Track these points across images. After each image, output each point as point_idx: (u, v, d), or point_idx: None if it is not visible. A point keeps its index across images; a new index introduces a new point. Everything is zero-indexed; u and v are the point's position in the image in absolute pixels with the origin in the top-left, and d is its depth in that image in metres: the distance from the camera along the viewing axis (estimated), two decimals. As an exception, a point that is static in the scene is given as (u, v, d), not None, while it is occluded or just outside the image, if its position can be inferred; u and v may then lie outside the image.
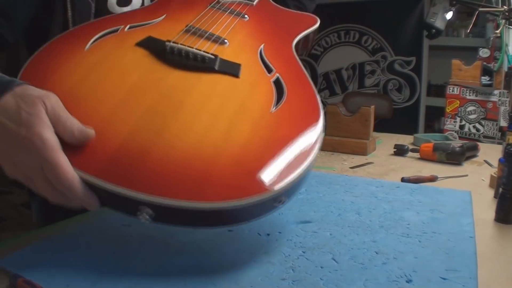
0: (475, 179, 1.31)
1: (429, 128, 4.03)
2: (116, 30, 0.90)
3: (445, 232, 0.87)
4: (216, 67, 0.84)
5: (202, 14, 1.02)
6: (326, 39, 4.41)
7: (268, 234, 0.85)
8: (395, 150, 1.63)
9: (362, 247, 0.80)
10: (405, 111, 4.09)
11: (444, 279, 0.69)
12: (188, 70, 0.83)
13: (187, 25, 0.95)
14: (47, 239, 0.82)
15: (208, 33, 0.94)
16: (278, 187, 0.66)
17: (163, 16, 0.99)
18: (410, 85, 4.07)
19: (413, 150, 1.61)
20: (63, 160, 0.60)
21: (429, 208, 1.01)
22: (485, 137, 2.39)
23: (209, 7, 1.06)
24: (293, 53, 0.99)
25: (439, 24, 1.99)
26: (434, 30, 2.00)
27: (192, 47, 0.86)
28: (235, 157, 0.69)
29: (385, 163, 1.51)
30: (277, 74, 0.88)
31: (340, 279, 0.69)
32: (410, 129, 3.66)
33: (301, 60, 0.97)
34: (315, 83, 4.55)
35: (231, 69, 0.86)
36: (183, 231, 0.85)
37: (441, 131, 2.72)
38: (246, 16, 1.08)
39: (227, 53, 0.90)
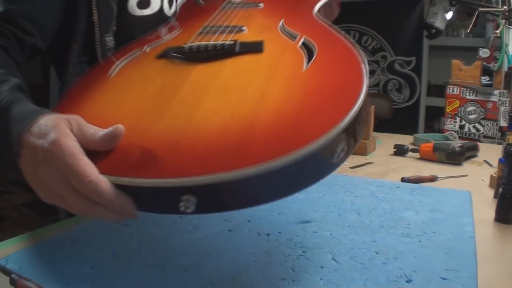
0: (475, 179, 1.31)
1: (429, 128, 4.03)
2: (135, 53, 0.90)
3: (445, 232, 0.87)
4: (237, 49, 0.81)
5: (214, 15, 1.01)
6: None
7: (268, 234, 0.85)
8: (395, 150, 1.63)
9: (362, 247, 0.80)
10: (405, 111, 4.09)
11: (444, 279, 0.69)
12: (210, 61, 0.80)
13: (202, 27, 0.94)
14: (47, 239, 0.82)
15: (223, 27, 0.92)
16: (328, 133, 0.55)
17: (180, 30, 1.00)
18: (410, 85, 4.07)
19: (413, 150, 1.61)
20: (84, 163, 0.56)
21: (429, 208, 1.01)
22: (485, 137, 2.39)
23: (221, 9, 1.06)
24: (316, 18, 0.93)
25: (439, 24, 1.99)
26: (434, 30, 2.00)
27: (209, 41, 0.85)
28: (273, 118, 0.62)
29: (385, 163, 1.51)
30: (303, 37, 0.82)
31: (340, 279, 0.69)
32: (410, 129, 3.66)
33: None
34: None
35: (253, 47, 0.82)
36: (183, 231, 0.85)
37: (441, 131, 2.72)
38: (260, 4, 1.06)
39: (246, 37, 0.88)
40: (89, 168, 0.56)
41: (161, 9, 1.15)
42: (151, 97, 0.74)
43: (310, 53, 0.76)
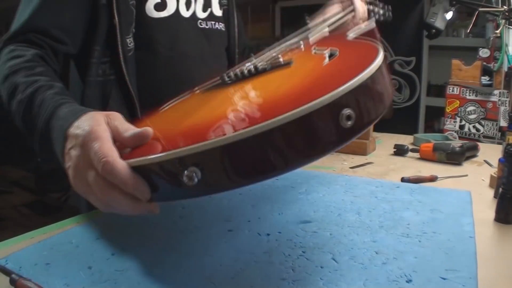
0: (475, 179, 1.31)
1: (429, 128, 4.03)
2: (186, 96, 0.98)
3: (445, 232, 0.87)
4: (268, 68, 0.85)
5: (261, 53, 1.05)
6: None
7: (268, 234, 0.85)
8: (395, 150, 1.63)
9: (362, 247, 0.80)
10: (405, 111, 4.09)
11: (444, 279, 0.69)
12: (247, 80, 0.85)
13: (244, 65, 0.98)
14: (46, 239, 0.83)
15: (261, 62, 0.94)
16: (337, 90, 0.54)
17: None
18: (410, 85, 4.07)
19: (413, 150, 1.61)
20: (106, 146, 0.60)
21: (429, 208, 1.01)
22: (485, 137, 2.39)
23: (269, 48, 1.08)
24: (346, 37, 0.92)
25: (439, 24, 1.99)
26: (434, 30, 2.00)
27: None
28: (290, 93, 0.64)
29: (385, 163, 1.51)
30: (329, 49, 0.82)
31: (340, 279, 0.69)
32: (410, 129, 3.66)
33: None
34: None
35: (283, 64, 0.85)
36: (183, 231, 0.85)
37: (441, 131, 2.72)
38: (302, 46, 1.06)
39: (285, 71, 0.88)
40: (109, 151, 0.59)
41: (177, 10, 1.19)
42: (183, 111, 0.83)
43: (332, 55, 0.78)
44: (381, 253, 0.78)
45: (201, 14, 1.27)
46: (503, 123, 2.32)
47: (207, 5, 1.28)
